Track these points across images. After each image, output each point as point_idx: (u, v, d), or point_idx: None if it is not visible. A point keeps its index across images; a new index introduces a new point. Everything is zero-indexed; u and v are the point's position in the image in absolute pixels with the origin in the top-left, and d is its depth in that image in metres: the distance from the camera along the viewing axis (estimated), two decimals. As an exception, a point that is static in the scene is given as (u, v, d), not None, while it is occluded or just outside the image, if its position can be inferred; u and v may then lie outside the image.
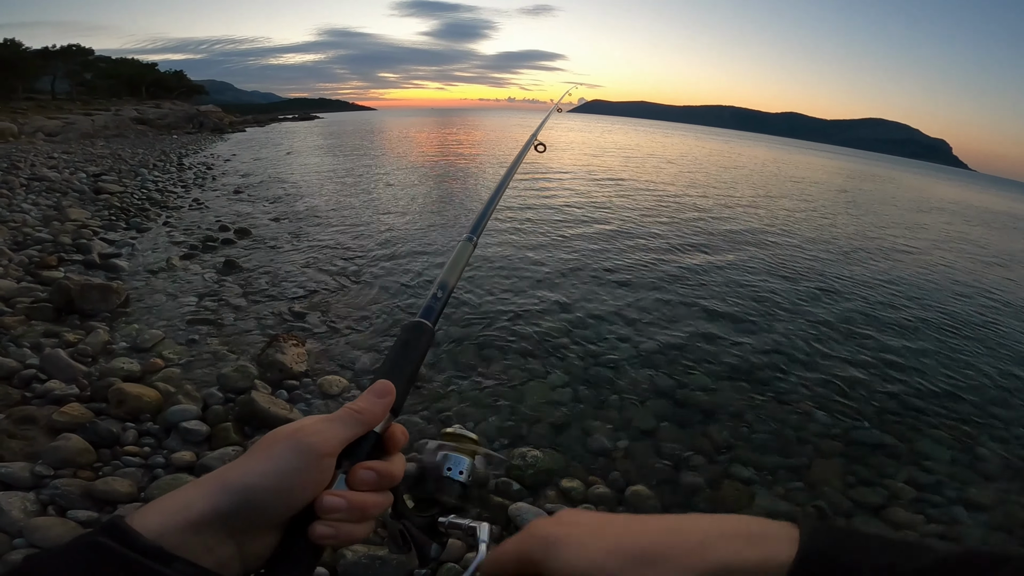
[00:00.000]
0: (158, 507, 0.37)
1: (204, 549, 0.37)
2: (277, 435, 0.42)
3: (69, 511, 2.39)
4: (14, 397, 3.19)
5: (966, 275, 9.85)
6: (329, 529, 0.41)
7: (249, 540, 0.39)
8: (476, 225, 0.74)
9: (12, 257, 5.61)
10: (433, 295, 0.59)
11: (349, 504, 0.42)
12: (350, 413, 0.45)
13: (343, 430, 0.43)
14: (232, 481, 0.39)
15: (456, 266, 0.65)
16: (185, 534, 0.36)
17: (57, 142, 19.36)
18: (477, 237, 0.72)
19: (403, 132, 43.41)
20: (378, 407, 0.46)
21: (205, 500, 0.38)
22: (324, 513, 0.41)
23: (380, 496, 0.45)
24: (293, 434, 0.42)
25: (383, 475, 0.44)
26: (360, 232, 8.71)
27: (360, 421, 0.45)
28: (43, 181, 10.09)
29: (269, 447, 0.41)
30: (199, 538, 0.37)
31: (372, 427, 0.46)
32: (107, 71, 52.30)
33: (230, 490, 0.38)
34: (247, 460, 0.41)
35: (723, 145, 59.35)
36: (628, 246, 8.68)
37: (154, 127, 30.82)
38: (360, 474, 0.43)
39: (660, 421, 3.84)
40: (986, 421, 4.36)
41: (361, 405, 0.45)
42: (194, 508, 0.37)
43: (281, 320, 4.99)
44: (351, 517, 0.42)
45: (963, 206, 28.36)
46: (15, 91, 37.17)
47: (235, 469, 0.40)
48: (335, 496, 0.41)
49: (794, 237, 11.01)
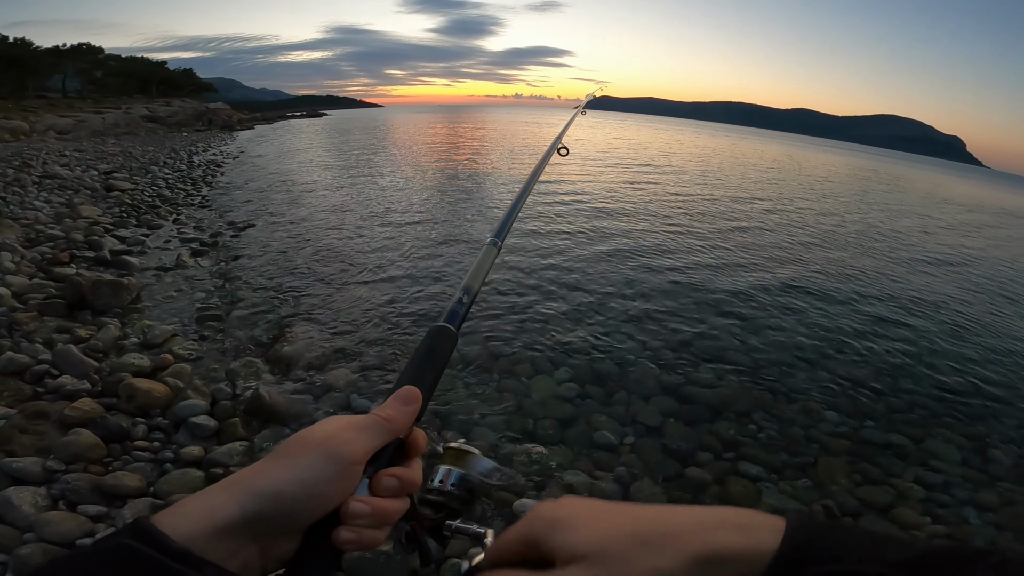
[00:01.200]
0: (184, 510, 0.37)
1: (229, 553, 0.37)
2: (307, 440, 0.42)
3: (79, 506, 2.42)
4: (26, 392, 3.24)
5: (979, 272, 9.72)
6: (353, 535, 0.41)
7: (271, 543, 0.40)
8: (500, 229, 0.73)
9: (25, 254, 5.69)
10: (458, 300, 0.58)
11: (373, 510, 0.42)
12: (379, 422, 0.45)
13: (373, 439, 0.44)
14: (262, 487, 0.39)
15: (481, 270, 0.64)
16: (212, 539, 0.36)
17: (68, 140, 19.56)
18: (502, 241, 0.71)
19: (411, 130, 43.45)
20: (405, 416, 0.46)
21: (234, 506, 0.38)
22: (350, 519, 0.41)
23: (400, 502, 0.45)
24: (325, 442, 0.42)
25: (405, 482, 0.45)
26: (369, 228, 8.74)
27: (388, 430, 0.45)
28: (55, 179, 10.21)
29: (299, 454, 0.41)
30: (225, 542, 0.37)
31: (398, 435, 0.46)
32: (117, 69, 52.73)
33: (261, 496, 0.39)
34: (275, 465, 0.41)
35: (734, 142, 58.86)
36: (636, 244, 8.64)
37: (164, 125, 31.07)
38: (384, 481, 0.44)
39: (667, 417, 3.83)
40: (999, 421, 4.30)
41: (390, 413, 0.46)
42: (222, 513, 0.37)
43: (289, 315, 5.02)
44: (374, 523, 0.42)
45: (977, 203, 27.97)
46: (26, 89, 37.56)
47: (264, 475, 0.40)
48: (361, 503, 0.42)
49: (804, 235, 10.91)
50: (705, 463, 3.41)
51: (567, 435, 3.54)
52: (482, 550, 0.47)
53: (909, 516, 3.12)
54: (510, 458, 3.11)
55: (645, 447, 3.50)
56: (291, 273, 6.27)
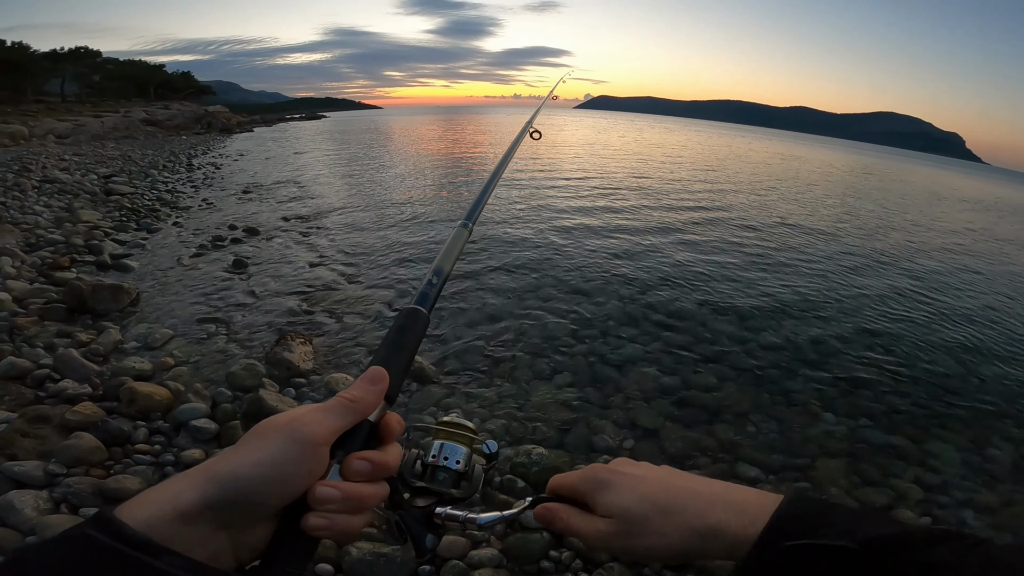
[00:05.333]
0: (147, 498, 0.37)
1: (196, 540, 0.36)
2: (269, 425, 0.42)
3: (81, 509, 2.43)
4: (28, 396, 3.25)
5: (979, 271, 9.72)
6: (323, 520, 0.40)
7: (242, 531, 0.39)
8: (471, 211, 0.73)
9: (25, 259, 5.70)
10: (428, 281, 0.58)
11: (343, 495, 0.41)
12: (343, 402, 0.44)
13: (337, 419, 0.43)
14: (222, 472, 0.38)
15: (451, 252, 0.63)
16: (175, 526, 0.36)
17: (68, 144, 19.57)
18: (472, 223, 0.71)
19: (409, 131, 43.49)
20: (371, 395, 0.45)
21: (195, 491, 0.37)
22: (317, 504, 0.41)
23: (375, 487, 0.44)
24: (286, 424, 0.41)
25: (377, 465, 0.44)
26: (368, 231, 8.75)
27: (354, 410, 0.44)
28: (55, 183, 10.21)
29: (262, 437, 0.41)
30: (190, 529, 0.36)
31: (366, 416, 0.45)
32: (115, 73, 52.67)
33: (220, 480, 0.38)
34: (239, 450, 0.40)
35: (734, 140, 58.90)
36: (634, 245, 8.66)
37: (163, 128, 31.07)
38: (354, 464, 0.43)
39: (665, 420, 3.84)
40: (998, 421, 4.30)
41: (354, 394, 0.45)
42: (183, 499, 0.37)
43: (289, 318, 5.03)
44: (346, 508, 0.42)
45: (978, 200, 27.99)
46: (25, 94, 37.52)
47: (226, 459, 0.40)
48: (328, 487, 0.41)
49: (804, 234, 10.92)
50: (704, 465, 3.42)
51: (567, 439, 3.55)
52: (524, 503, 0.55)
53: (908, 517, 3.13)
54: (509, 460, 3.12)
55: (644, 450, 3.51)
56: (292, 275, 6.28)
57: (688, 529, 0.46)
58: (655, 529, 0.46)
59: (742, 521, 0.44)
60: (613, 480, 0.51)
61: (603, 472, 0.52)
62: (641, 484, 0.50)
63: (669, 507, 0.47)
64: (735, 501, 0.46)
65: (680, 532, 0.46)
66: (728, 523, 0.44)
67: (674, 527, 0.46)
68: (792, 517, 0.42)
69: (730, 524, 0.44)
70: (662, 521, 0.46)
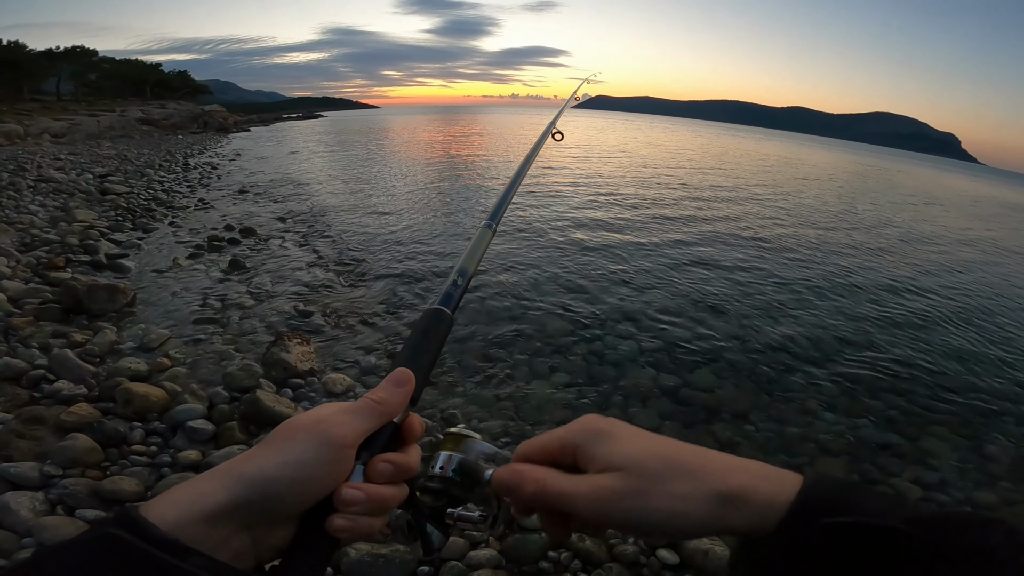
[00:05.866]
0: (172, 498, 0.36)
1: (219, 541, 0.36)
2: (296, 425, 0.41)
3: (77, 510, 2.41)
4: (23, 397, 3.23)
5: (977, 269, 9.76)
6: (347, 522, 0.40)
7: (264, 532, 0.39)
8: (495, 211, 0.72)
9: (20, 258, 5.66)
10: (452, 282, 0.57)
11: (368, 497, 0.41)
12: (370, 404, 0.44)
13: (364, 422, 0.43)
14: (250, 472, 0.38)
15: (475, 252, 0.63)
16: (200, 527, 0.35)
17: (63, 143, 19.49)
18: (496, 224, 0.70)
19: (407, 131, 43.45)
20: (398, 397, 0.45)
21: (222, 492, 0.37)
22: (343, 506, 0.40)
23: (397, 488, 0.44)
24: (314, 425, 0.41)
25: (401, 467, 0.43)
26: (365, 231, 8.73)
27: (380, 412, 0.44)
28: (50, 182, 10.16)
29: (288, 438, 0.40)
30: (215, 530, 0.36)
31: (392, 418, 0.45)
32: (112, 72, 52.47)
33: (248, 481, 0.38)
34: (264, 451, 0.40)
35: (732, 140, 59.01)
36: (634, 245, 8.66)
37: (159, 127, 30.97)
38: (379, 467, 0.42)
39: (664, 420, 3.84)
40: (995, 419, 4.32)
41: (381, 395, 0.45)
42: (210, 500, 0.36)
43: (286, 319, 5.01)
44: (369, 510, 0.41)
45: (974, 200, 28.10)
46: (20, 93, 37.36)
47: (253, 460, 0.39)
48: (355, 489, 0.41)
49: (802, 234, 10.94)
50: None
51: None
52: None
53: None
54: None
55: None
56: (289, 276, 6.26)
57: (710, 492, 0.37)
58: (669, 490, 0.38)
59: (771, 488, 0.37)
60: (614, 430, 0.43)
61: (602, 421, 0.44)
62: (648, 439, 0.42)
63: (684, 466, 0.39)
64: (753, 468, 0.39)
65: (700, 496, 0.37)
66: (756, 488, 0.37)
67: (692, 488, 0.38)
68: (822, 493, 0.36)
69: (758, 489, 0.37)
70: (677, 480, 0.38)
